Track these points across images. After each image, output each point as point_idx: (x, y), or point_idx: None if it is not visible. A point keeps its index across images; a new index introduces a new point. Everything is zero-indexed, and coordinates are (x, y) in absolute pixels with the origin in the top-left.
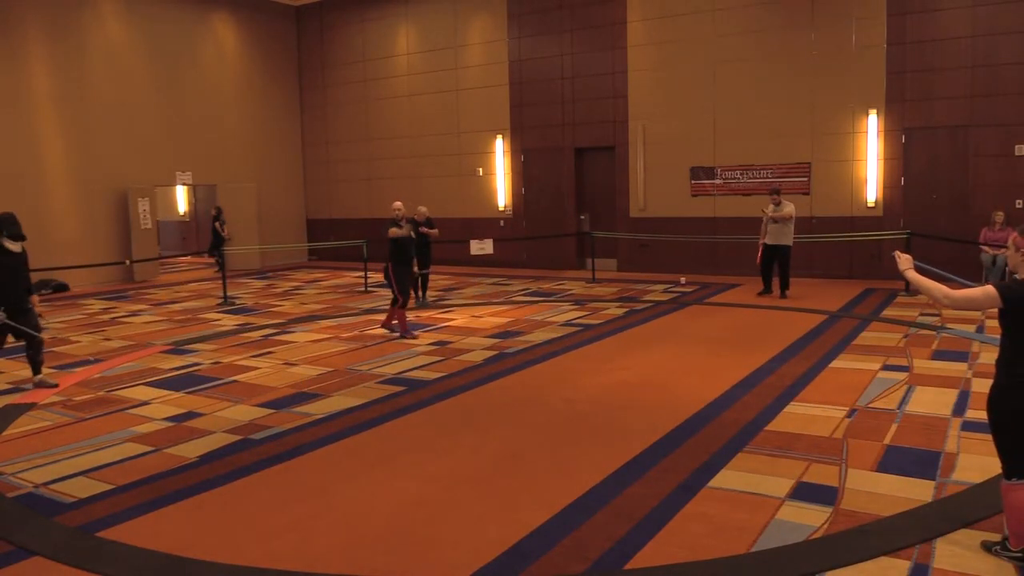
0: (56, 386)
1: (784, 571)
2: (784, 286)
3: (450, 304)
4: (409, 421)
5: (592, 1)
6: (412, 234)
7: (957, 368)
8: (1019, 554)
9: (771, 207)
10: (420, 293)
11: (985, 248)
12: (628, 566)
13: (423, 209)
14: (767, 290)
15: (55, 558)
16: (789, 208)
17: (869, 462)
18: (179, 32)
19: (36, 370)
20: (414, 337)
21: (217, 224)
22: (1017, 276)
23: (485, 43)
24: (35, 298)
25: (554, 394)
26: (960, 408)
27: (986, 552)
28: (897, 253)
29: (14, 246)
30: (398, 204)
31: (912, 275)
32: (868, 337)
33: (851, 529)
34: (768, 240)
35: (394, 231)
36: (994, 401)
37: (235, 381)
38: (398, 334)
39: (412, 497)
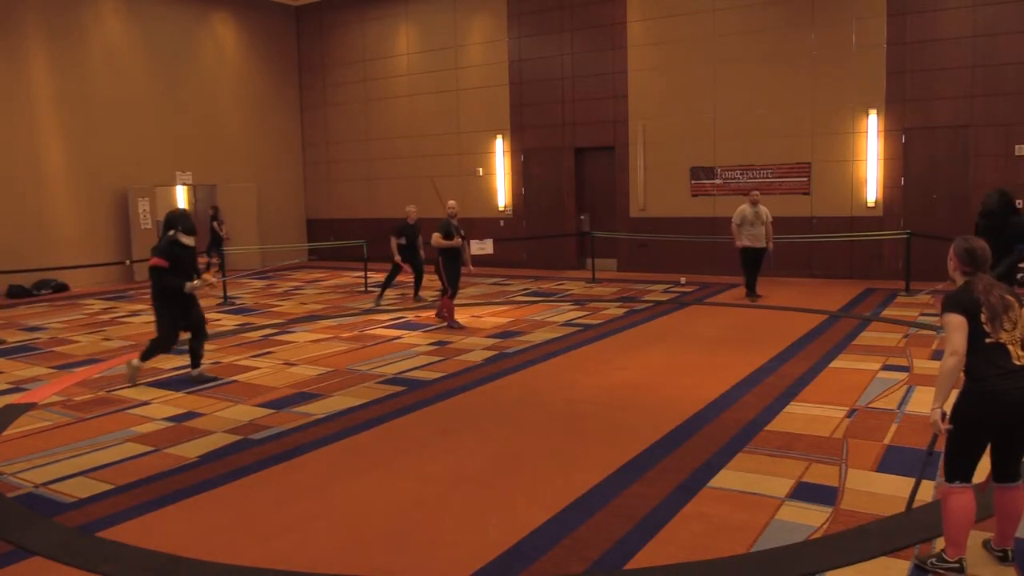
0: (216, 379)
1: (784, 571)
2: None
3: None
4: (409, 421)
5: (592, 1)
6: (462, 233)
7: None
8: (956, 564)
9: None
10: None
11: None
12: (628, 566)
13: (412, 208)
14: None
15: (55, 558)
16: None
17: (869, 462)
18: (179, 32)
19: (196, 363)
20: (460, 327)
21: (215, 224)
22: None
23: (485, 43)
24: (208, 275)
25: (554, 394)
26: None
27: (920, 568)
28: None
29: (188, 240)
30: (452, 203)
31: (937, 419)
32: (868, 337)
33: (851, 529)
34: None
35: (440, 241)
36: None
37: (235, 381)
38: (446, 323)
39: (412, 497)
